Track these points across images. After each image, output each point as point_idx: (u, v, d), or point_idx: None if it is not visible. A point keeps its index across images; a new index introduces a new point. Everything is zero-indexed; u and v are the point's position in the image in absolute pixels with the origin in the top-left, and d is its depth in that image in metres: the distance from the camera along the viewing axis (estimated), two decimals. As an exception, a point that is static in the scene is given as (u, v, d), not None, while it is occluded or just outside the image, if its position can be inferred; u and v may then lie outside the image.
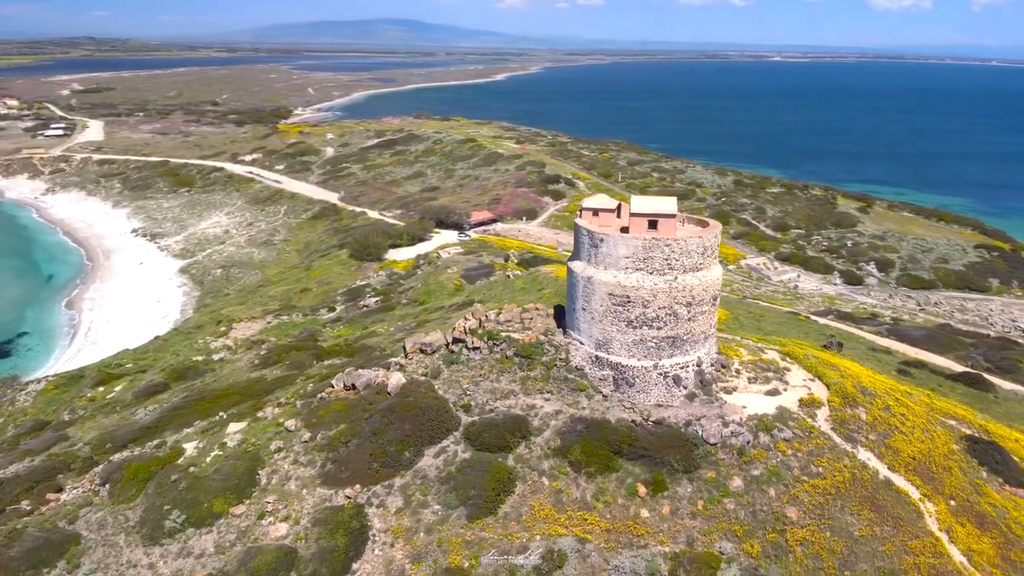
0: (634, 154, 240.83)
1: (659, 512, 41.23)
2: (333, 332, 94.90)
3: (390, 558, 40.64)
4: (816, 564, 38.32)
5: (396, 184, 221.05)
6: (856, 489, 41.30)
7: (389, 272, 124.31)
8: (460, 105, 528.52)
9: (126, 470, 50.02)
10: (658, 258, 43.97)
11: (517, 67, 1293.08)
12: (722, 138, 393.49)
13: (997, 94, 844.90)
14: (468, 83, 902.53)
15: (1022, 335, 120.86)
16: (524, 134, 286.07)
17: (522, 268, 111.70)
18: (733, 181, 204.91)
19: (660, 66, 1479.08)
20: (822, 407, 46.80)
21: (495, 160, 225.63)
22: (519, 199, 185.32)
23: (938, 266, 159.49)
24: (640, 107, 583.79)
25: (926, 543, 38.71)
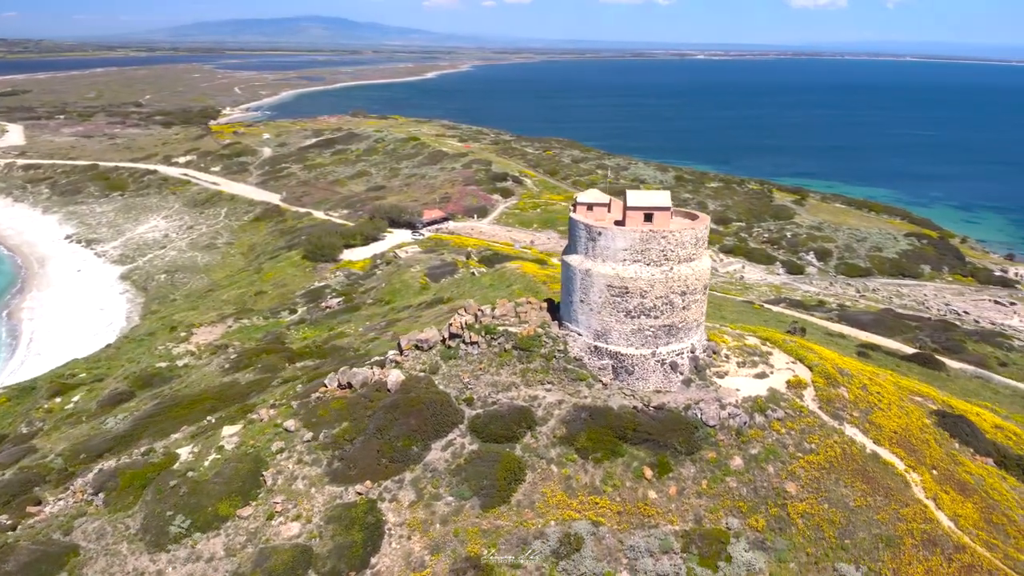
0: (577, 151, 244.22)
1: (666, 493, 42.94)
2: (299, 334, 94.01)
3: (408, 550, 41.22)
4: (817, 535, 40.61)
5: (340, 184, 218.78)
6: (848, 463, 43.83)
7: (347, 272, 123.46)
8: (392, 103, 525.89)
9: (121, 478, 49.09)
10: (655, 250, 45.68)
11: (447, 65, 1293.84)
12: (657, 135, 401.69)
13: (912, 88, 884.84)
14: (399, 81, 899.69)
15: (958, 317, 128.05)
16: (467, 132, 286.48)
17: (483, 265, 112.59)
18: (674, 177, 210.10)
19: (590, 65, 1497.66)
20: (808, 388, 49.35)
21: (440, 158, 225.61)
22: (469, 197, 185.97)
23: (873, 254, 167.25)
24: (576, 105, 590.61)
25: (916, 510, 41.43)
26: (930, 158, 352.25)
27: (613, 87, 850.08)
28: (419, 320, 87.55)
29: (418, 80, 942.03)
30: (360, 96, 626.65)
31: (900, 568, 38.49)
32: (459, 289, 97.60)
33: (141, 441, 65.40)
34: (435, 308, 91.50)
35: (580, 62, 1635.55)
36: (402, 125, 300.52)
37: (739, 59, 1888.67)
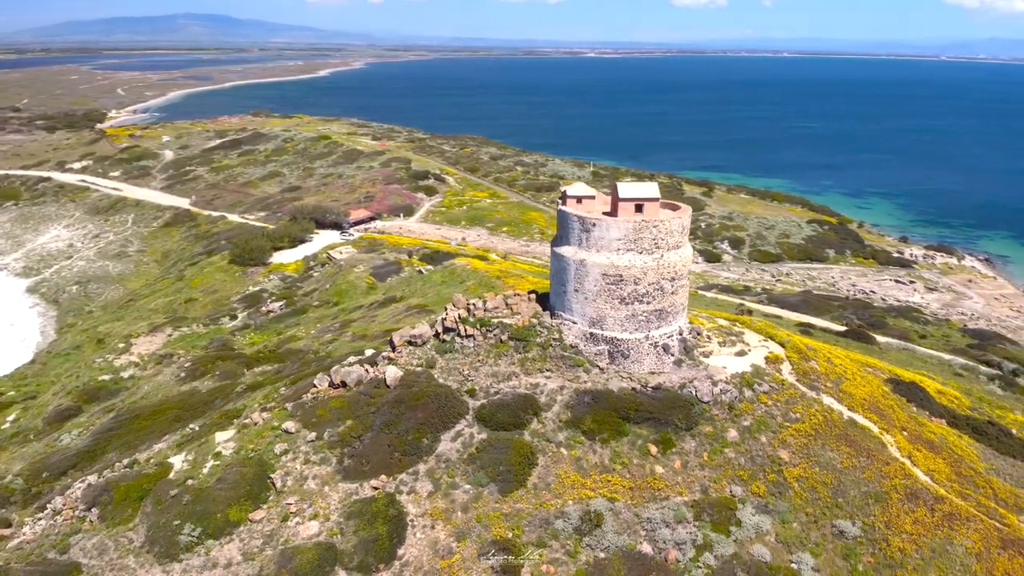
0: (494, 149, 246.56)
1: (672, 467, 45.49)
2: (246, 340, 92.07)
3: (434, 539, 42.10)
4: (813, 495, 44.09)
5: (252, 185, 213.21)
6: (830, 429, 47.62)
7: (281, 276, 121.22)
8: (288, 102, 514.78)
9: (115, 492, 47.59)
10: (647, 239, 48.14)
11: (339, 63, 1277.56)
12: (565, 132, 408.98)
13: (792, 84, 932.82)
14: (291, 79, 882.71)
15: (867, 297, 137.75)
16: (379, 130, 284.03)
17: (426, 263, 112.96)
18: (591, 172, 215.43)
19: (485, 62, 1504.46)
20: (784, 362, 53.06)
21: (356, 157, 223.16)
22: (393, 196, 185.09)
23: (782, 241, 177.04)
24: (480, 103, 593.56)
25: (896, 468, 45.55)
26: (819, 149, 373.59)
27: (513, 85, 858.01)
28: (375, 320, 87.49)
29: (311, 78, 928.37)
30: (253, 95, 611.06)
31: (891, 521, 42.37)
32: (410, 288, 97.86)
33: (107, 455, 63.33)
34: (389, 307, 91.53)
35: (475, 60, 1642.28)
36: (309, 124, 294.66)
37: (628, 57, 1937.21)
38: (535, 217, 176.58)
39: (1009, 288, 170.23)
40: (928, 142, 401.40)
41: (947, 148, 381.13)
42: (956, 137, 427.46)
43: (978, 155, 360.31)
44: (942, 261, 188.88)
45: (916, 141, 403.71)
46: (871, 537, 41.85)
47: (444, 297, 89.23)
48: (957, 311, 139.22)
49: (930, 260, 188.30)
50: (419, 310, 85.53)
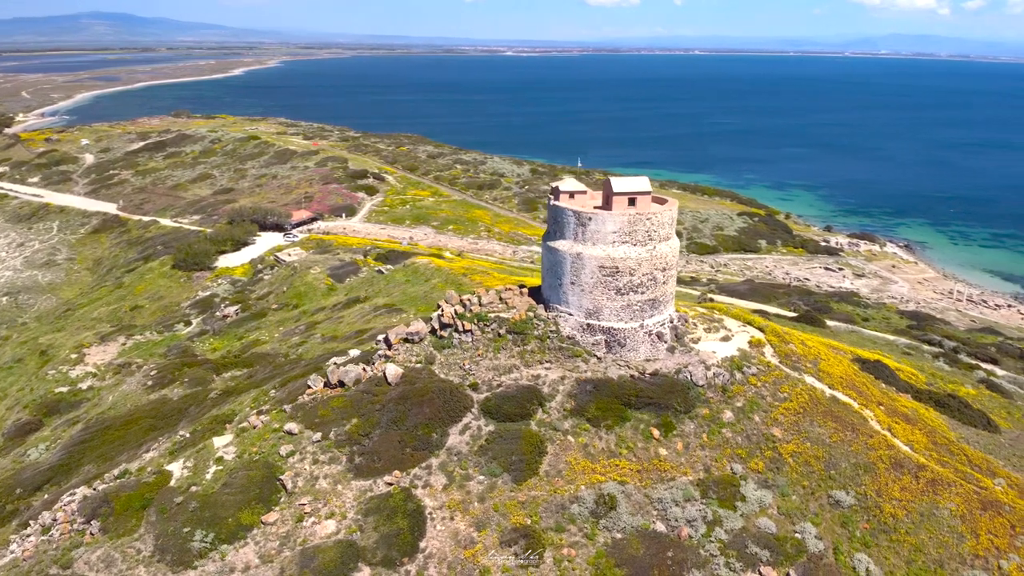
0: (431, 147, 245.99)
1: (675, 449, 47.44)
2: (207, 346, 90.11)
3: (455, 530, 42.85)
4: (808, 469, 46.75)
5: (182, 188, 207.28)
6: (816, 406, 50.47)
7: (230, 280, 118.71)
8: (205, 102, 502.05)
9: (115, 502, 46.46)
10: (641, 231, 49.97)
11: (253, 61, 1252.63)
12: (495, 130, 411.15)
13: (707, 80, 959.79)
14: (205, 79, 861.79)
15: (802, 283, 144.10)
16: (310, 130, 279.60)
17: (382, 263, 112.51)
18: (530, 170, 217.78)
19: (404, 60, 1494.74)
20: (766, 346, 55.80)
21: (289, 157, 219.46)
22: (333, 196, 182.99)
23: (717, 233, 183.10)
24: (405, 101, 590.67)
25: (879, 440, 48.69)
26: (740, 144, 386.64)
27: (436, 83, 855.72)
28: (342, 321, 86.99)
29: (225, 77, 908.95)
30: (167, 95, 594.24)
31: (881, 489, 45.35)
32: (373, 288, 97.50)
33: (83, 468, 61.55)
34: (354, 308, 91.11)
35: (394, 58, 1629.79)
36: (235, 124, 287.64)
37: (545, 55, 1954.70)
38: (480, 215, 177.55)
39: (930, 272, 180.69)
40: (843, 135, 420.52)
41: (860, 141, 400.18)
42: (867, 130, 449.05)
43: (889, 147, 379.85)
44: (866, 248, 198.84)
45: (832, 135, 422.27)
46: (864, 505, 44.72)
47: (411, 296, 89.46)
48: (887, 295, 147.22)
49: (855, 248, 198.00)
50: (388, 310, 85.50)
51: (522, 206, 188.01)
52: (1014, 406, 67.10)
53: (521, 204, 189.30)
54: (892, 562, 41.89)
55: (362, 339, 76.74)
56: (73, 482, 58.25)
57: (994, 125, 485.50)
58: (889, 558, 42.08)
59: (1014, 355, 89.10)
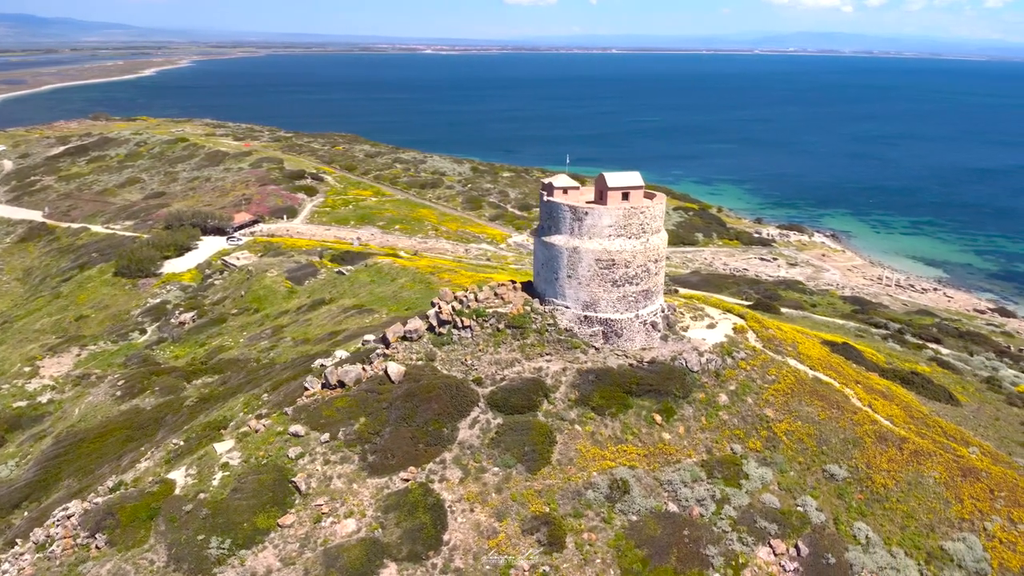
0: (368, 146, 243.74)
1: (677, 433, 49.33)
2: (168, 353, 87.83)
3: (476, 521, 43.59)
4: (801, 446, 49.34)
5: (110, 193, 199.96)
6: (802, 387, 53.21)
7: (179, 286, 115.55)
8: (118, 104, 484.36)
9: (120, 514, 45.30)
10: (635, 224, 51.67)
11: (163, 61, 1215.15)
12: (427, 128, 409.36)
13: (628, 78, 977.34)
14: (115, 80, 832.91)
15: (743, 274, 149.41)
16: (239, 130, 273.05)
17: (337, 264, 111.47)
18: (470, 168, 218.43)
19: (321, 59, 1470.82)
20: (748, 332, 58.33)
21: (221, 159, 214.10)
22: (272, 198, 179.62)
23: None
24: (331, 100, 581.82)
25: (863, 415, 51.73)
26: (666, 140, 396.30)
27: (359, 81, 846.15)
28: (310, 323, 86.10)
29: (137, 78, 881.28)
30: (76, 98, 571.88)
31: (870, 461, 48.28)
32: (336, 289, 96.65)
33: (62, 483, 59.58)
34: (320, 310, 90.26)
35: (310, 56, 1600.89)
36: (160, 126, 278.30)
37: (465, 54, 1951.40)
38: (426, 214, 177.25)
39: (858, 260, 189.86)
40: (763, 131, 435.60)
41: (780, 135, 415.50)
42: (785, 125, 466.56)
43: (808, 141, 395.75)
44: (796, 239, 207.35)
45: (752, 130, 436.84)
46: (857, 477, 47.55)
47: (380, 297, 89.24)
48: (822, 283, 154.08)
49: (785, 238, 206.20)
50: (358, 311, 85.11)
51: (467, 205, 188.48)
52: (965, 381, 71.94)
53: (465, 203, 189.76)
54: (888, 529, 44.75)
55: (336, 340, 76.30)
56: (55, 497, 56.32)
57: (904, 118, 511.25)
58: (885, 525, 44.94)
59: (953, 335, 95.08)
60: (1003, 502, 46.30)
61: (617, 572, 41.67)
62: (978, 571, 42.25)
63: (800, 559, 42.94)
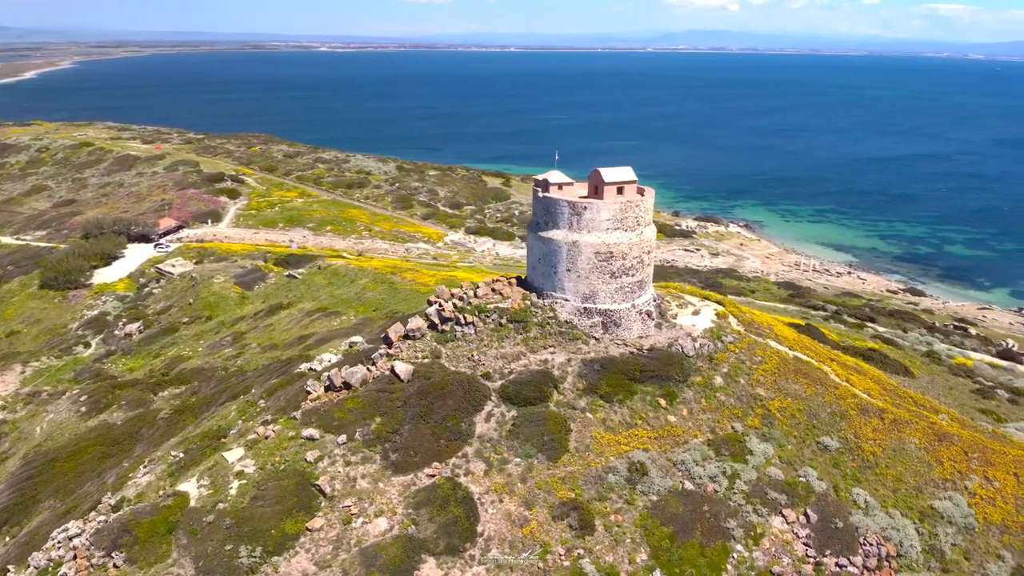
0: (285, 146, 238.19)
1: (681, 415, 51.72)
2: (122, 366, 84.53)
3: (507, 511, 44.63)
4: (794, 421, 52.61)
5: (16, 203, 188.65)
6: (787, 366, 56.60)
7: (116, 296, 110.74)
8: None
9: (137, 530, 43.94)
10: (631, 217, 53.77)
11: (44, 63, 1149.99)
12: (337, 127, 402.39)
13: (531, 76, 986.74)
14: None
15: (670, 264, 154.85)
16: (145, 133, 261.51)
17: (281, 268, 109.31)
18: (396, 167, 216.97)
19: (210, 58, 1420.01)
20: (730, 317, 61.41)
21: (132, 163, 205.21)
22: (193, 202, 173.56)
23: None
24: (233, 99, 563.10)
25: (843, 390, 55.52)
26: (577, 137, 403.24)
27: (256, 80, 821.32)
28: (273, 329, 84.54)
29: (17, 81, 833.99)
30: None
31: (857, 432, 52.00)
32: (292, 293, 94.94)
33: (43, 504, 57.05)
34: (279, 315, 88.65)
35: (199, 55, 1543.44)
36: (59, 130, 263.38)
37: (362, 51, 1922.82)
38: (356, 215, 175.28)
39: (773, 248, 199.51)
40: (668, 127, 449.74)
41: (685, 130, 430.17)
42: (689, 120, 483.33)
43: (713, 135, 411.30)
44: (713, 229, 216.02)
45: (658, 126, 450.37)
46: (848, 447, 51.15)
47: (342, 299, 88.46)
48: (747, 271, 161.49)
49: (704, 229, 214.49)
50: (323, 314, 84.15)
51: (397, 204, 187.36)
52: (910, 356, 77.71)
53: (395, 202, 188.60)
54: (882, 493, 48.44)
55: (307, 345, 75.43)
56: (40, 520, 53.84)
57: (797, 112, 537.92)
58: (879, 489, 48.63)
59: (884, 314, 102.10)
60: (977, 462, 50.83)
61: (647, 550, 43.61)
62: (967, 526, 46.41)
63: (811, 525, 46.01)
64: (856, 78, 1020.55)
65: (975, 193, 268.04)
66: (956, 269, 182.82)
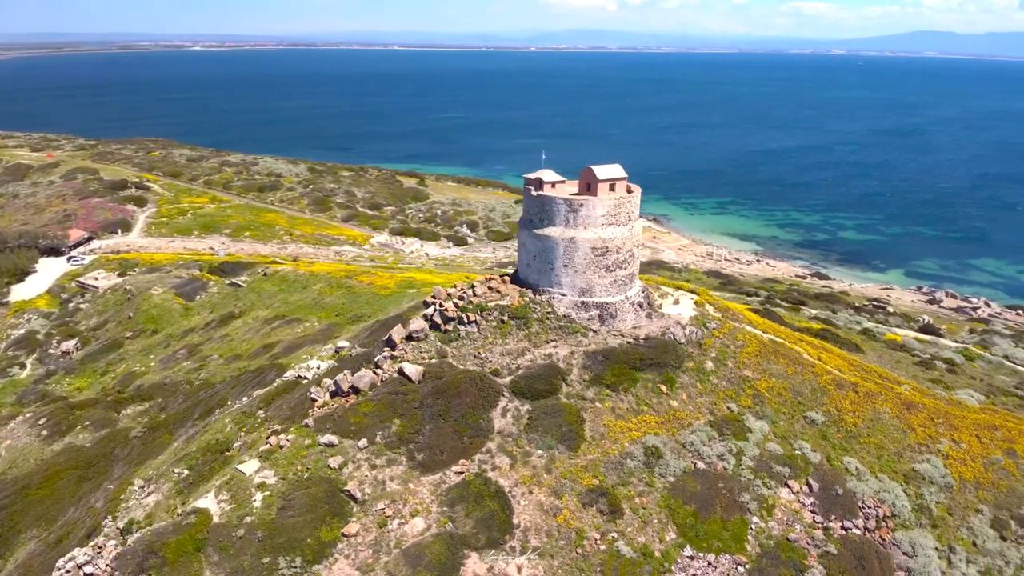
0: (187, 150, 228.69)
1: (682, 400, 54.38)
2: (68, 386, 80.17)
3: (538, 502, 45.90)
4: (781, 399, 56.29)
5: None
6: (766, 348, 60.34)
7: (40, 313, 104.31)
8: None
9: (165, 551, 42.44)
10: (623, 213, 55.98)
11: None
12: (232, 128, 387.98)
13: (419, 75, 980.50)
14: None
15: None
16: (32, 140, 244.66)
17: (217, 276, 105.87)
18: (307, 168, 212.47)
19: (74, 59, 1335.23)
20: (707, 305, 64.67)
21: (25, 172, 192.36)
22: (99, 211, 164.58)
23: (507, 221, 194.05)
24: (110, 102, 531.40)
25: (819, 368, 59.73)
26: (479, 136, 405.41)
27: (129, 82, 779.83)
28: (231, 339, 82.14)
29: None
30: None
31: (838, 405, 56.20)
32: (241, 302, 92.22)
33: (27, 534, 54.22)
34: (233, 324, 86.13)
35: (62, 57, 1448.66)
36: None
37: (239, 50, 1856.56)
38: (274, 219, 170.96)
39: (684, 240, 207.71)
40: (567, 124, 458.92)
41: (583, 128, 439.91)
42: (585, 118, 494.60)
43: (608, 132, 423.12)
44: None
45: (558, 124, 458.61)
46: (832, 420, 55.24)
47: (299, 305, 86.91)
48: (673, 262, 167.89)
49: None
50: (283, 321, 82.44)
51: (314, 207, 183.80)
52: (850, 334, 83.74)
53: (312, 204, 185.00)
54: (868, 460, 52.68)
55: (275, 353, 74.00)
56: (29, 551, 50.93)
57: (685, 109, 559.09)
58: (865, 457, 52.85)
59: (810, 297, 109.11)
60: (943, 427, 55.98)
61: (675, 528, 45.92)
62: (946, 484, 51.20)
63: (814, 494, 49.57)
64: (731, 75, 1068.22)
65: (858, 181, 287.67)
66: (852, 253, 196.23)
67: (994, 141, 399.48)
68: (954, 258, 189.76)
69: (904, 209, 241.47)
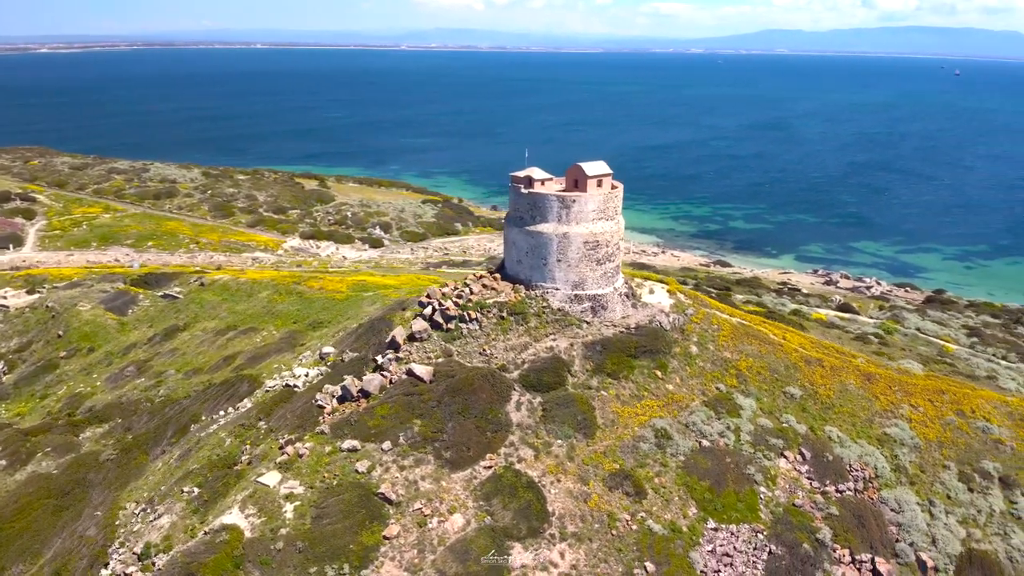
0: (69, 158, 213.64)
1: (676, 383, 57.28)
2: (9, 412, 74.64)
3: (568, 489, 47.47)
4: (762, 377, 60.24)
5: None
6: (740, 331, 64.25)
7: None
8: None
9: (203, 571, 41.01)
10: (611, 207, 58.27)
11: None
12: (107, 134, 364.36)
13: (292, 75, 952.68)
14: None
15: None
16: None
17: (143, 289, 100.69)
18: (202, 173, 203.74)
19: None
20: (679, 294, 68.03)
21: None
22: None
23: (420, 221, 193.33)
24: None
25: (787, 347, 64.22)
26: (367, 135, 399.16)
27: None
28: (183, 353, 78.73)
29: None
30: None
31: (811, 380, 60.72)
32: (183, 314, 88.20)
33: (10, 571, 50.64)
34: (181, 338, 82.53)
35: None
36: None
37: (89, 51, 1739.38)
38: (176, 227, 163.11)
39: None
40: (457, 123, 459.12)
41: (474, 127, 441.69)
42: (473, 117, 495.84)
43: (500, 130, 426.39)
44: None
45: (447, 123, 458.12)
46: (808, 393, 59.67)
47: (249, 315, 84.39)
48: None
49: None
50: (238, 331, 79.81)
51: (216, 213, 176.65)
52: (785, 315, 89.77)
53: (213, 210, 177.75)
54: (845, 428, 57.34)
55: (239, 365, 71.81)
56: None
57: (568, 108, 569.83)
58: (842, 425, 57.48)
59: (732, 283, 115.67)
60: (900, 394, 61.56)
61: (695, 504, 48.64)
62: (915, 445, 56.51)
63: (808, 462, 53.60)
64: (600, 75, 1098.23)
65: (739, 173, 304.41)
66: (745, 241, 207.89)
67: (855, 132, 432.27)
68: (837, 241, 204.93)
69: (785, 198, 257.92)
